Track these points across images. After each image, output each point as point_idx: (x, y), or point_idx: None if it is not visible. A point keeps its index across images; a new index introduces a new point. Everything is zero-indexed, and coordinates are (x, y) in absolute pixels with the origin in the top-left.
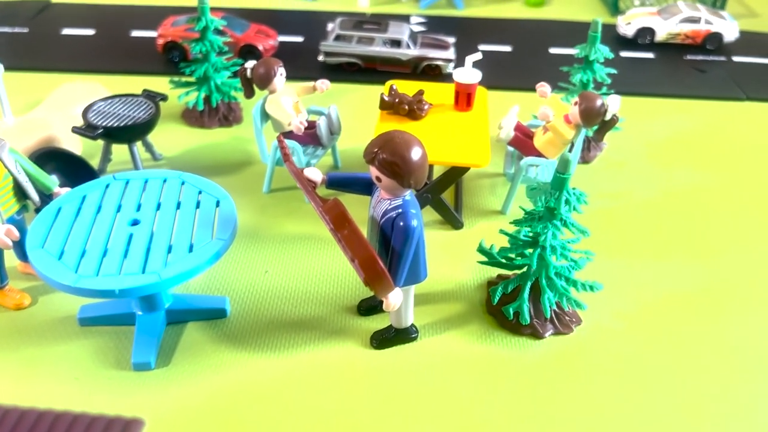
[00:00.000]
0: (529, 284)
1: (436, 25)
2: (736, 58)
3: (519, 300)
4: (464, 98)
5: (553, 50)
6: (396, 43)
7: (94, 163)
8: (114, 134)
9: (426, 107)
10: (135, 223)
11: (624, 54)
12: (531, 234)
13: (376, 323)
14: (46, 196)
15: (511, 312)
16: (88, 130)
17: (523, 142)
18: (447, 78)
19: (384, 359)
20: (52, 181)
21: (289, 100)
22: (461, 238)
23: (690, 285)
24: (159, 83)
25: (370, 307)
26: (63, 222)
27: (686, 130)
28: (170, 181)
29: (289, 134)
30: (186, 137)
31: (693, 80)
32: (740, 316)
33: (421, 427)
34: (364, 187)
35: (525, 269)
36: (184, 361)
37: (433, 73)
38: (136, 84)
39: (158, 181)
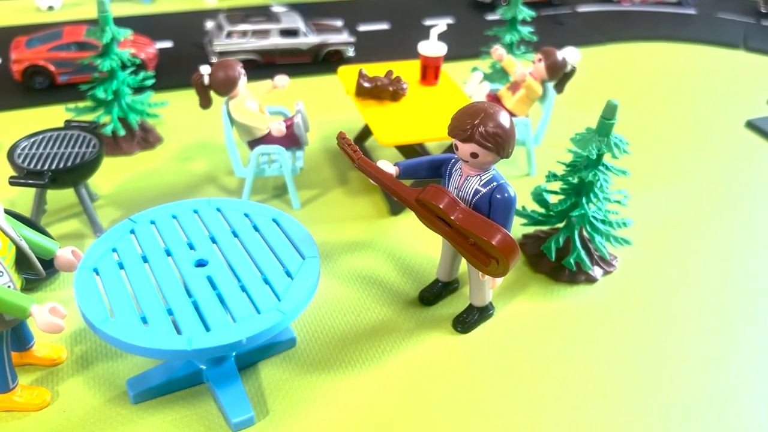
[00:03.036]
0: (576, 233)
1: (299, 10)
2: (580, 9)
3: (575, 251)
4: (432, 72)
5: (426, 21)
6: (293, 33)
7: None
8: (60, 178)
9: (405, 86)
10: (201, 264)
11: (489, 18)
12: (575, 182)
13: (446, 309)
14: (47, 263)
15: (573, 263)
16: (31, 177)
17: None
18: (348, 63)
19: (471, 340)
20: (53, 242)
21: (255, 104)
22: None
23: (675, 206)
24: (23, 117)
25: (433, 295)
26: (113, 284)
27: (580, 77)
28: (203, 210)
29: (261, 139)
30: (111, 170)
31: (558, 32)
32: (727, 219)
33: (527, 390)
34: (433, 169)
35: (567, 220)
36: (281, 404)
37: (333, 59)
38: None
39: (190, 214)
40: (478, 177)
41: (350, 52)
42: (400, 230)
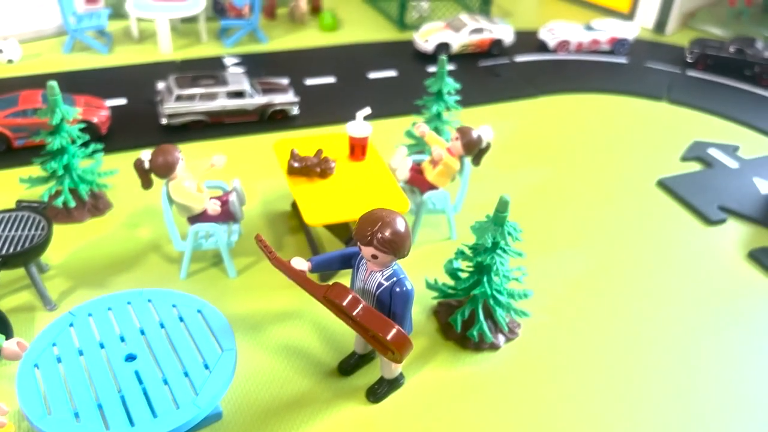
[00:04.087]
0: (480, 306)
1: (249, 62)
2: (517, 59)
3: (478, 323)
4: (359, 149)
5: (371, 75)
6: (239, 95)
7: None
8: (10, 261)
9: (332, 165)
10: (131, 357)
11: (430, 69)
12: (477, 263)
13: (362, 379)
14: None
15: (475, 334)
16: None
17: (417, 178)
18: (294, 120)
19: (383, 410)
20: None
21: (192, 184)
22: None
23: (579, 269)
24: None
25: (350, 366)
26: (51, 379)
27: (507, 132)
28: (135, 302)
29: (198, 217)
30: (62, 238)
31: (493, 84)
32: (627, 285)
33: None
34: (344, 263)
35: (472, 295)
36: None
37: (278, 117)
38: None
39: (124, 306)
40: (381, 272)
41: (295, 110)
42: None
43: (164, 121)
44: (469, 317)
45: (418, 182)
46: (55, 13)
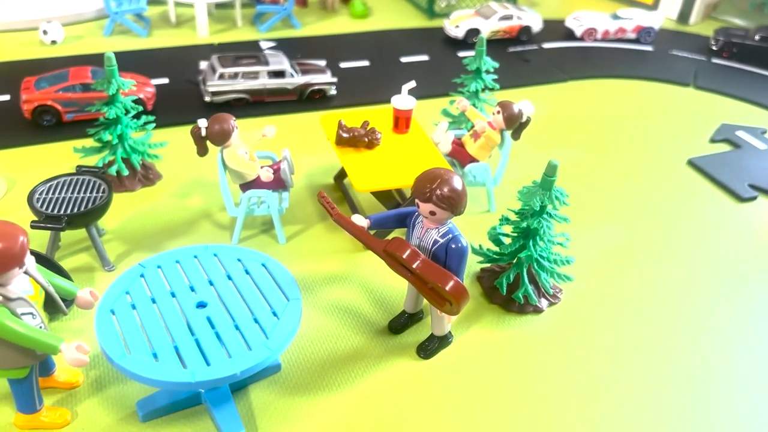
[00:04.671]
0: (525, 270)
1: (284, 47)
2: (545, 45)
3: (523, 286)
4: (403, 122)
5: (403, 59)
6: (280, 74)
7: None
8: (74, 221)
9: (379, 136)
10: (202, 305)
11: (461, 54)
12: (523, 227)
13: (412, 337)
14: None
15: (521, 297)
16: (50, 222)
17: (458, 152)
18: (331, 101)
19: (433, 365)
20: (74, 285)
21: (245, 151)
22: None
23: (616, 240)
24: (34, 153)
25: (400, 324)
26: (128, 323)
27: (539, 115)
28: (201, 256)
29: (251, 183)
30: (116, 206)
31: (524, 69)
32: (662, 252)
33: (479, 414)
34: (400, 221)
35: (517, 259)
36: (268, 422)
37: (317, 96)
38: (11, 158)
39: (191, 259)
40: (437, 230)
41: (333, 90)
42: (372, 264)
43: (208, 98)
44: (514, 281)
45: (459, 155)
46: None
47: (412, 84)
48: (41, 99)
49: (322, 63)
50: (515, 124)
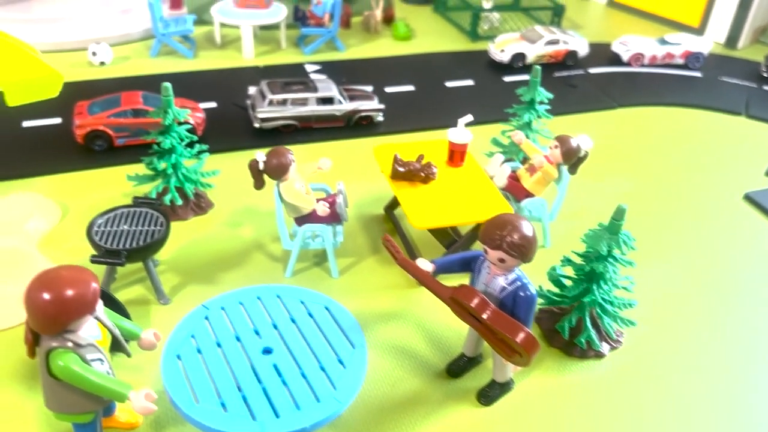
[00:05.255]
0: (587, 315)
1: (329, 69)
2: (592, 70)
3: (586, 331)
4: (459, 156)
5: (448, 83)
6: (329, 101)
7: None
8: (133, 255)
9: (435, 170)
10: (267, 351)
11: (507, 78)
12: (587, 271)
13: (471, 381)
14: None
15: (583, 342)
16: (110, 257)
17: (514, 186)
18: (378, 127)
19: (495, 413)
20: (136, 326)
21: (302, 185)
22: None
23: (673, 281)
24: (86, 178)
25: (459, 368)
26: (194, 369)
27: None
28: (265, 296)
29: (307, 217)
30: (170, 235)
31: (571, 95)
32: (725, 294)
33: None
34: (464, 265)
35: (579, 303)
36: None
37: (364, 123)
38: (64, 183)
39: (254, 301)
40: (504, 276)
41: (380, 117)
42: (427, 302)
43: (257, 124)
44: (576, 325)
45: (514, 189)
46: (141, 18)
47: (469, 118)
48: (94, 124)
49: (369, 89)
50: (573, 158)
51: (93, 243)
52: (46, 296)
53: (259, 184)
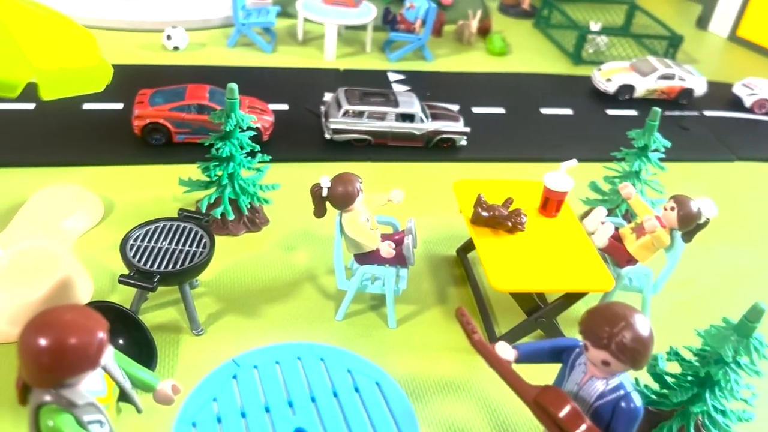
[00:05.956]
0: (692, 424)
1: (414, 80)
2: (707, 112)
3: None
4: (554, 205)
5: (544, 110)
6: (409, 118)
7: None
8: (168, 278)
9: (524, 220)
10: (300, 431)
11: (610, 112)
12: (702, 375)
13: None
14: None
15: None
16: (141, 279)
17: (615, 247)
18: (459, 152)
19: None
20: (153, 376)
21: (367, 217)
22: None
23: None
24: (138, 174)
25: None
26: None
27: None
28: (306, 358)
29: (368, 256)
30: (216, 251)
31: (682, 139)
32: None
33: None
34: (554, 356)
35: (684, 407)
36: None
37: (445, 146)
38: (113, 176)
39: (293, 361)
40: (604, 380)
41: (463, 141)
42: (493, 374)
43: (328, 135)
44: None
45: (615, 252)
46: (223, 4)
47: (573, 162)
48: (154, 116)
49: (455, 108)
50: (691, 225)
51: (125, 259)
52: (42, 342)
53: (320, 213)
